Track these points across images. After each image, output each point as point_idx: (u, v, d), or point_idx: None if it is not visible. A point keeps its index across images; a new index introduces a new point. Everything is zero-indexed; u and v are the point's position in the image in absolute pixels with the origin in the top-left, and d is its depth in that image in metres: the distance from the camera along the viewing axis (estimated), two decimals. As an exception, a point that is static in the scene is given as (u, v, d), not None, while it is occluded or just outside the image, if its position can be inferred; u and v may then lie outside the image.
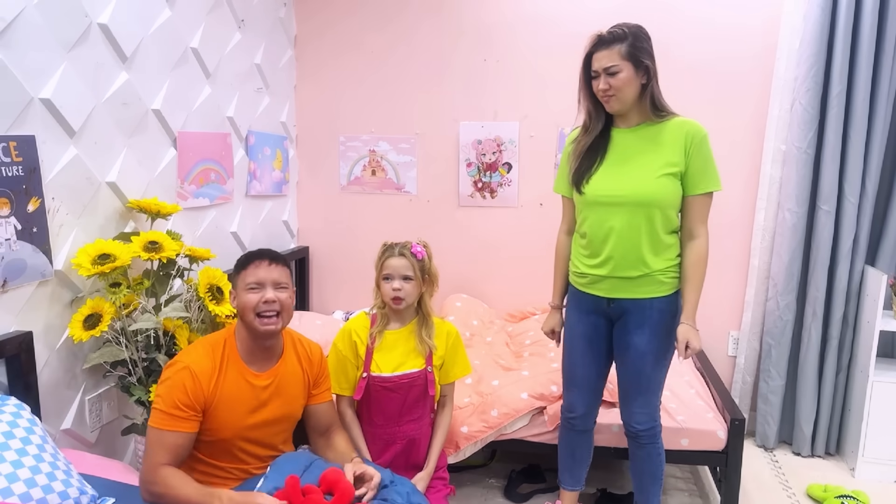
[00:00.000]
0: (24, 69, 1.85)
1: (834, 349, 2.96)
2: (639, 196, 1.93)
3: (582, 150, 2.03)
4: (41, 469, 1.59)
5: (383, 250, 2.08)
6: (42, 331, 1.96)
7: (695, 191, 1.96)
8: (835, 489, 2.62)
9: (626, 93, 1.92)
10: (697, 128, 1.95)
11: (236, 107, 2.96)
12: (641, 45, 1.90)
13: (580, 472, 2.28)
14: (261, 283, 1.75)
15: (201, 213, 2.75)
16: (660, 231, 1.96)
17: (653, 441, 2.12)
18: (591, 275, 2.04)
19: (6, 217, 1.80)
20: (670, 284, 2.00)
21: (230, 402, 1.75)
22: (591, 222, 2.02)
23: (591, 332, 2.11)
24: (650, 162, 1.95)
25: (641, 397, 2.07)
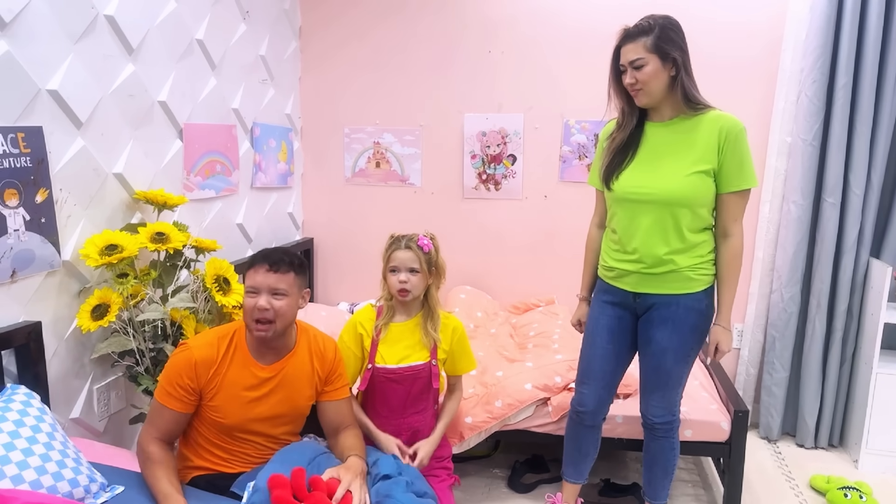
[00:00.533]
0: (31, 61, 1.86)
1: (838, 341, 2.97)
2: (666, 195, 1.91)
3: (615, 146, 2.01)
4: (51, 457, 1.61)
5: (390, 242, 2.08)
6: (51, 321, 1.98)
7: (729, 188, 1.91)
8: (838, 480, 2.63)
9: (654, 86, 1.89)
10: (733, 122, 1.89)
11: (241, 98, 2.97)
12: (668, 36, 1.86)
13: (585, 466, 2.27)
14: (257, 288, 1.75)
15: (207, 205, 2.76)
16: (688, 229, 1.93)
17: (668, 435, 2.11)
18: (619, 269, 2.03)
19: (15, 208, 1.82)
20: (700, 282, 1.97)
21: (232, 389, 1.78)
22: (620, 218, 2.01)
23: (614, 325, 2.09)
24: (681, 159, 1.91)
25: (659, 391, 2.07)
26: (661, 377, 2.04)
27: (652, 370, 2.05)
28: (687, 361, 2.04)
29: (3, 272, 1.80)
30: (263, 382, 1.82)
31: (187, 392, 1.75)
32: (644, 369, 2.09)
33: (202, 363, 1.76)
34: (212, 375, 1.77)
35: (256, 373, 1.81)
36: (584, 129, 3.27)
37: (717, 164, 1.90)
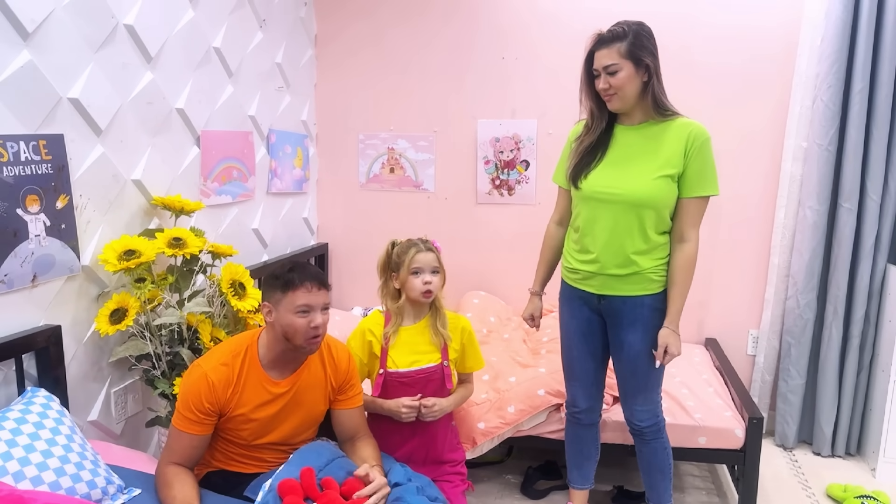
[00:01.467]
0: (53, 69, 1.89)
1: (855, 348, 2.94)
2: (633, 195, 1.94)
3: (584, 147, 2.04)
4: (70, 459, 1.64)
5: (406, 247, 2.07)
6: (70, 325, 2.01)
7: (689, 193, 1.95)
8: (855, 489, 2.60)
9: (627, 91, 1.92)
10: (700, 130, 1.94)
11: (258, 105, 3.00)
12: (642, 42, 1.90)
13: (588, 469, 2.29)
14: (311, 307, 1.75)
15: (224, 211, 2.80)
16: (652, 231, 1.97)
17: (657, 436, 2.13)
18: (583, 271, 2.06)
19: (36, 214, 1.85)
20: (660, 283, 2.01)
21: (248, 407, 1.79)
22: (585, 217, 2.04)
23: (584, 328, 2.13)
24: (649, 162, 1.95)
25: (641, 395, 2.09)
26: (639, 380, 2.06)
27: (630, 374, 2.07)
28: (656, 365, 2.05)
29: (24, 277, 1.83)
30: (278, 398, 1.82)
31: (207, 415, 1.74)
32: (621, 374, 2.11)
33: (220, 384, 1.75)
34: (230, 395, 1.77)
35: (271, 389, 1.81)
36: (597, 135, 3.27)
37: (681, 168, 1.93)
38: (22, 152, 1.80)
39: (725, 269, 3.23)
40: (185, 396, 1.74)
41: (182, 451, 1.74)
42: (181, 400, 1.75)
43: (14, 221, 1.79)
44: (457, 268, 3.49)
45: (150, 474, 1.85)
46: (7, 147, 1.76)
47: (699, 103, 3.13)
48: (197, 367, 1.78)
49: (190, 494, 1.66)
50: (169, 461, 1.73)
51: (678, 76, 3.11)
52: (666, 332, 1.98)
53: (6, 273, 1.78)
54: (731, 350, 3.22)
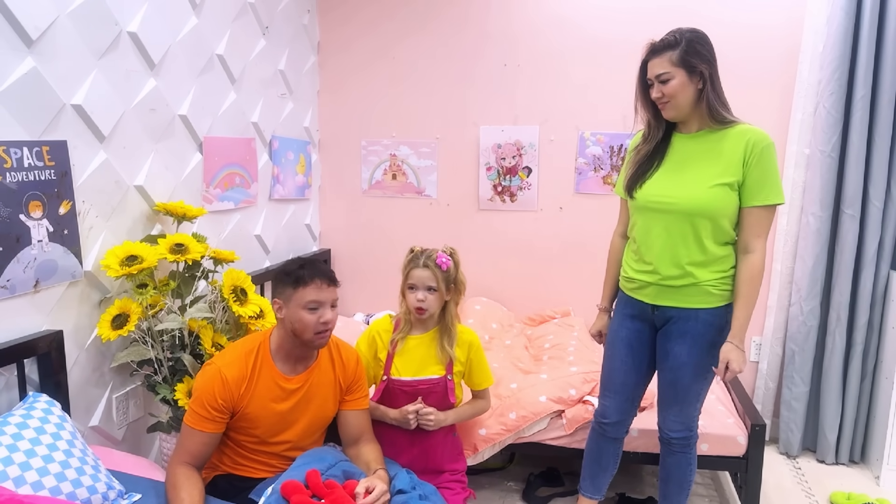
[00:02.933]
0: (56, 76, 1.91)
1: (859, 355, 2.93)
2: (687, 205, 1.89)
3: (641, 156, 2.02)
4: (70, 464, 1.64)
5: (410, 258, 2.08)
6: (72, 330, 2.02)
7: (751, 202, 1.88)
8: (858, 497, 2.59)
9: (681, 100, 1.89)
10: (760, 136, 1.87)
11: (261, 112, 3.02)
12: (695, 49, 1.86)
13: (603, 481, 2.25)
14: (321, 303, 1.79)
15: (226, 217, 2.80)
16: (709, 241, 1.91)
17: (685, 450, 2.09)
18: (638, 280, 2.02)
19: (39, 219, 1.86)
20: (720, 297, 1.94)
21: (261, 402, 1.82)
22: (640, 227, 2.01)
23: (633, 338, 2.08)
24: (706, 170, 1.90)
25: (677, 406, 2.04)
26: (678, 392, 2.02)
27: (669, 385, 2.03)
28: (706, 377, 2.01)
29: (26, 282, 1.84)
30: (290, 394, 1.86)
31: (221, 412, 1.78)
32: (662, 384, 2.07)
33: (234, 382, 1.78)
34: (243, 392, 1.80)
35: (283, 385, 1.85)
36: (599, 142, 3.28)
37: (741, 176, 1.87)
38: (25, 158, 1.81)
39: (728, 275, 3.22)
40: (198, 394, 1.77)
41: (193, 448, 1.77)
42: (195, 397, 1.78)
43: (17, 227, 1.79)
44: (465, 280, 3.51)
45: (151, 479, 1.85)
46: (10, 153, 1.77)
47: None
48: (211, 364, 1.82)
49: (197, 498, 1.67)
50: (180, 461, 1.75)
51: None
52: (729, 346, 1.90)
53: (9, 278, 1.78)
54: (734, 357, 3.21)
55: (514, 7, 3.31)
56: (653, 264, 1.97)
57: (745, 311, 1.91)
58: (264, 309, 2.30)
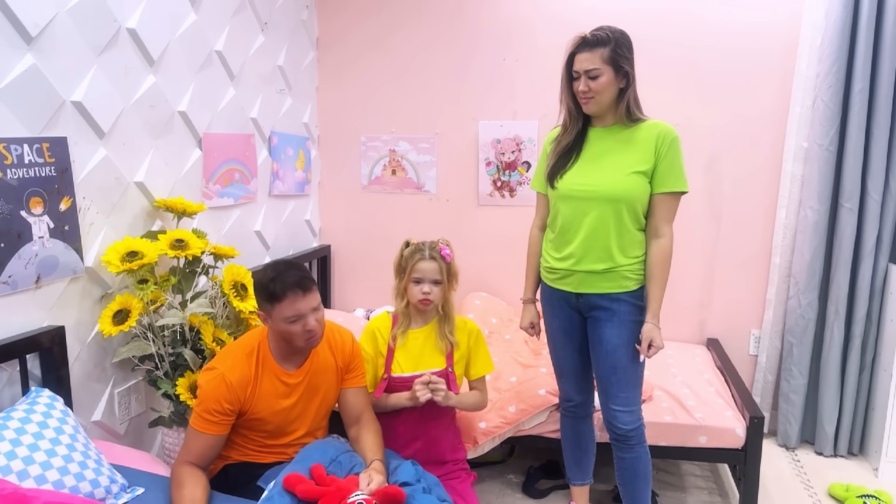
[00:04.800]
0: (56, 73, 1.92)
1: (857, 348, 2.94)
2: (609, 191, 1.99)
3: (561, 148, 2.09)
4: (73, 458, 1.66)
5: (412, 251, 2.08)
6: (73, 325, 2.03)
7: (661, 189, 2.00)
8: (857, 489, 2.60)
9: (605, 96, 1.97)
10: (668, 129, 2.00)
11: (260, 108, 3.02)
12: (623, 51, 1.94)
13: (587, 463, 2.31)
14: (301, 314, 1.78)
15: (226, 213, 2.81)
16: (628, 226, 2.01)
17: (640, 441, 2.11)
18: (560, 269, 2.09)
19: (40, 216, 1.87)
20: (635, 280, 2.04)
21: (267, 400, 1.85)
22: (563, 215, 2.07)
23: (566, 326, 2.16)
24: (622, 160, 2.00)
25: (622, 394, 2.08)
26: (619, 376, 2.06)
27: (610, 371, 2.07)
28: (639, 358, 2.06)
29: (28, 278, 1.85)
30: (294, 388, 1.88)
31: (226, 415, 1.79)
32: (601, 373, 2.10)
33: (238, 385, 1.80)
34: (249, 394, 1.82)
35: (286, 380, 1.87)
36: (598, 136, 3.28)
37: (653, 165, 1.99)
38: (26, 155, 1.82)
39: (727, 269, 3.24)
40: (203, 399, 1.78)
41: (199, 450, 1.78)
42: (200, 402, 1.79)
43: (18, 223, 1.81)
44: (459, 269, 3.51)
45: (153, 474, 1.87)
46: (11, 150, 1.78)
47: (700, 104, 3.15)
48: (212, 369, 1.81)
49: (199, 496, 1.68)
50: (185, 461, 1.77)
51: (678, 77, 3.14)
52: (648, 326, 2.01)
53: (10, 274, 1.79)
54: (733, 350, 3.22)
55: (512, 2, 3.31)
56: (575, 252, 2.04)
57: (659, 292, 2.02)
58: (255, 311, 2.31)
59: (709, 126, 3.15)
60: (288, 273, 1.79)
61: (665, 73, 3.12)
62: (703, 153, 3.17)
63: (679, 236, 2.11)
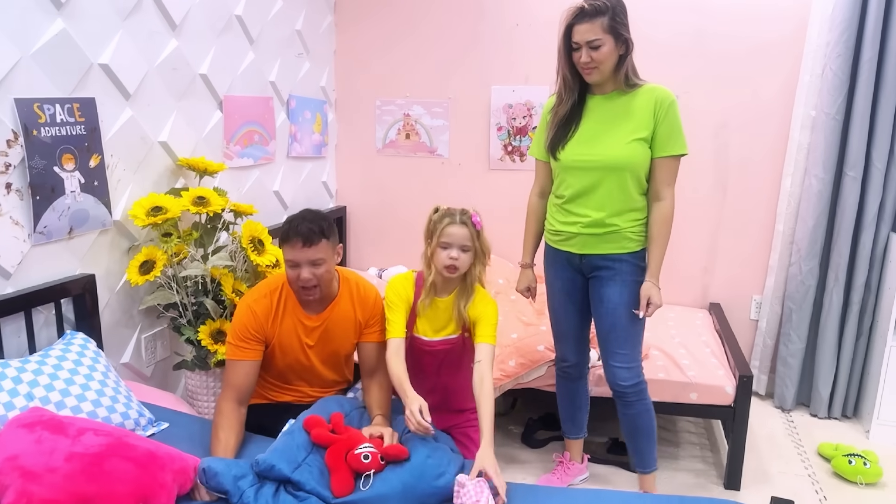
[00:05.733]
0: (84, 37, 2.03)
1: (855, 314, 3.01)
2: (612, 160, 2.04)
3: (559, 118, 2.12)
4: (105, 393, 1.82)
5: (441, 216, 2.01)
6: (103, 274, 2.18)
7: (661, 153, 2.05)
8: (845, 448, 2.70)
9: (607, 65, 2.00)
10: (666, 93, 2.04)
11: (278, 72, 3.12)
12: (620, 18, 1.97)
13: (581, 418, 2.43)
14: (297, 263, 1.90)
15: (245, 173, 2.94)
16: (631, 192, 2.07)
17: (641, 398, 2.17)
18: (565, 232, 2.16)
19: (71, 171, 2.01)
20: (638, 242, 2.11)
21: (287, 337, 2.00)
22: (567, 184, 2.13)
23: (568, 287, 2.24)
24: (622, 127, 2.05)
25: (621, 352, 2.15)
26: (620, 334, 2.14)
27: (610, 329, 2.15)
28: (639, 317, 2.11)
29: (61, 229, 2.00)
30: (312, 330, 2.03)
31: (256, 342, 1.96)
32: (602, 331, 2.18)
33: (262, 313, 1.97)
34: (271, 324, 1.99)
35: (305, 322, 2.02)
36: (608, 103, 3.33)
37: (652, 130, 2.03)
38: (58, 114, 1.96)
39: (731, 235, 3.30)
40: (234, 329, 1.96)
41: (237, 380, 1.92)
42: (231, 333, 1.97)
43: (52, 178, 1.95)
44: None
45: (177, 411, 2.04)
46: (44, 109, 1.92)
47: (711, 72, 3.18)
48: (242, 302, 2.01)
49: (233, 443, 1.81)
50: (226, 398, 1.90)
51: (690, 45, 3.16)
52: (648, 285, 2.08)
53: (45, 225, 1.95)
54: (735, 315, 3.31)
55: (527, -33, 3.34)
56: (581, 216, 2.11)
57: (659, 252, 2.09)
58: (279, 259, 2.45)
59: (718, 94, 3.19)
60: (301, 223, 1.91)
61: (675, 41, 3.15)
62: (712, 121, 3.21)
63: (685, 203, 2.18)
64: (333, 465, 1.65)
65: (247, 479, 1.60)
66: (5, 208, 1.83)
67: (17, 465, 1.39)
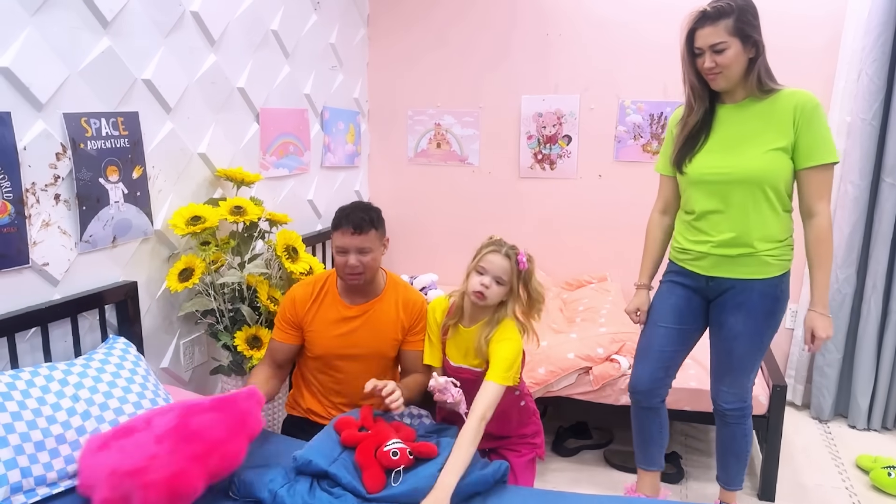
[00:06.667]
0: (129, 54, 2.12)
1: (894, 323, 2.94)
2: (747, 173, 1.87)
3: (687, 130, 1.98)
4: (146, 395, 1.89)
5: (489, 243, 1.95)
6: (144, 282, 2.26)
7: (807, 163, 1.86)
8: (885, 460, 2.64)
9: (734, 70, 1.85)
10: (808, 98, 1.86)
11: (313, 84, 3.20)
12: (748, 18, 1.82)
13: (652, 451, 2.21)
14: (345, 249, 1.98)
15: (281, 182, 3.02)
16: (768, 210, 1.89)
17: (739, 421, 2.08)
18: (694, 251, 2.00)
19: (115, 183, 2.10)
20: (777, 266, 1.93)
21: (322, 324, 2.09)
22: (696, 200, 1.98)
23: (682, 305, 2.07)
24: (757, 137, 1.88)
25: (729, 377, 2.04)
26: (732, 362, 2.02)
27: (724, 355, 2.03)
28: (759, 347, 2.00)
29: (106, 238, 2.09)
30: (348, 320, 2.09)
31: (290, 325, 2.10)
32: (715, 354, 2.08)
33: (300, 300, 2.10)
34: (307, 310, 2.09)
35: (342, 311, 2.09)
36: (639, 110, 3.34)
37: (793, 139, 1.85)
38: (103, 128, 2.04)
39: (765, 243, 3.26)
40: (278, 312, 2.14)
41: (272, 353, 2.14)
42: (276, 317, 2.15)
43: (97, 189, 2.04)
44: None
45: (213, 415, 2.10)
46: (90, 123, 2.00)
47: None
48: (289, 290, 2.17)
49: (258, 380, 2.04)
50: (262, 362, 2.16)
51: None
52: (812, 314, 1.91)
53: (91, 234, 2.03)
54: (770, 323, 3.26)
55: (557, -23, 3.37)
56: (710, 235, 1.95)
57: (823, 276, 1.89)
58: (314, 267, 2.51)
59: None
60: (353, 211, 2.00)
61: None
62: (744, 127, 3.18)
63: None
64: (364, 463, 1.69)
65: (276, 481, 1.65)
66: (54, 218, 1.92)
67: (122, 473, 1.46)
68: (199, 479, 1.51)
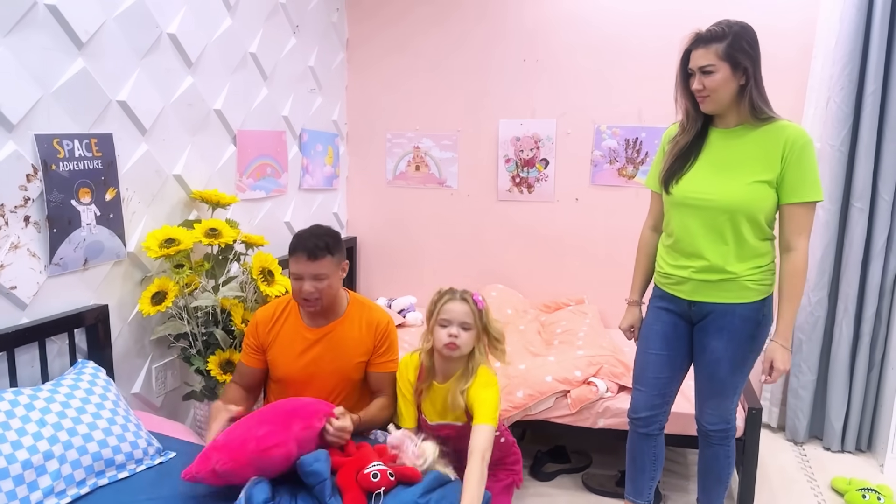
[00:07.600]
0: (104, 75, 2.11)
1: (866, 346, 2.98)
2: (725, 202, 1.88)
3: (677, 150, 1.99)
4: (116, 422, 1.85)
5: (441, 294, 1.91)
6: (116, 305, 2.23)
7: (790, 199, 1.87)
8: (859, 482, 2.66)
9: (722, 94, 1.86)
10: (799, 133, 1.85)
11: (291, 107, 3.20)
12: (741, 45, 1.83)
13: (642, 482, 2.19)
14: (300, 276, 1.98)
15: (258, 205, 3.00)
16: (748, 237, 1.90)
17: (722, 443, 2.09)
18: (675, 276, 2.01)
19: (88, 205, 2.07)
20: (757, 291, 1.93)
21: (283, 346, 2.08)
22: (677, 223, 1.99)
23: (668, 332, 2.07)
24: (743, 166, 1.88)
25: (714, 400, 2.05)
26: (715, 386, 2.03)
27: (706, 378, 2.04)
28: (742, 371, 2.01)
29: (76, 261, 2.05)
30: (311, 343, 2.07)
31: (253, 349, 2.11)
32: (699, 377, 2.08)
33: (261, 322, 2.11)
34: (268, 332, 2.10)
35: (304, 334, 2.07)
36: (615, 135, 3.38)
37: (779, 173, 1.86)
38: (76, 149, 2.02)
39: (739, 266, 3.30)
40: (245, 336, 2.15)
41: (241, 377, 2.15)
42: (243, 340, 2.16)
43: (69, 211, 2.00)
44: (477, 262, 3.65)
45: (185, 441, 2.05)
46: (63, 144, 1.98)
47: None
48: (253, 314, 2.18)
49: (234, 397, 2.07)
50: (230, 382, 2.19)
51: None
52: (773, 346, 1.92)
53: (62, 257, 1.99)
54: (745, 346, 3.29)
55: (533, 4, 3.42)
56: (690, 260, 1.96)
57: (791, 310, 1.90)
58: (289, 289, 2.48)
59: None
60: (309, 238, 2.00)
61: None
62: (718, 153, 3.23)
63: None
64: (344, 486, 1.67)
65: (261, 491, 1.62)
66: (23, 240, 1.88)
67: None
68: None
